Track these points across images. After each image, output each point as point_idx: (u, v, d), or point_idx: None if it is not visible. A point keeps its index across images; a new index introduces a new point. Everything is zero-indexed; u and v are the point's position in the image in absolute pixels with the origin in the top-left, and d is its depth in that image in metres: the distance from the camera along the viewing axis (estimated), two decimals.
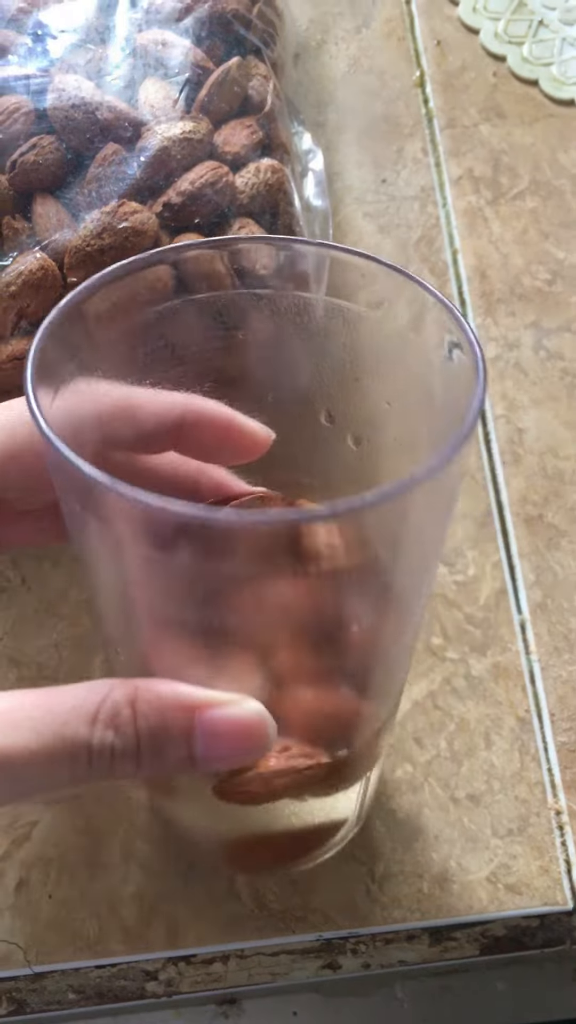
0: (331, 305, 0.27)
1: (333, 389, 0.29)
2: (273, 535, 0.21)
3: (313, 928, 0.35)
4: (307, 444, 0.30)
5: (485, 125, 0.48)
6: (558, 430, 0.42)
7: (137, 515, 0.20)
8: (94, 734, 0.23)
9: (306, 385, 0.29)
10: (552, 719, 0.38)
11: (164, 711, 0.23)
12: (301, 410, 0.29)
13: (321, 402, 0.29)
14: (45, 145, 0.37)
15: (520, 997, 0.44)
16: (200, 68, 0.39)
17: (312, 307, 0.27)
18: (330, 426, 0.30)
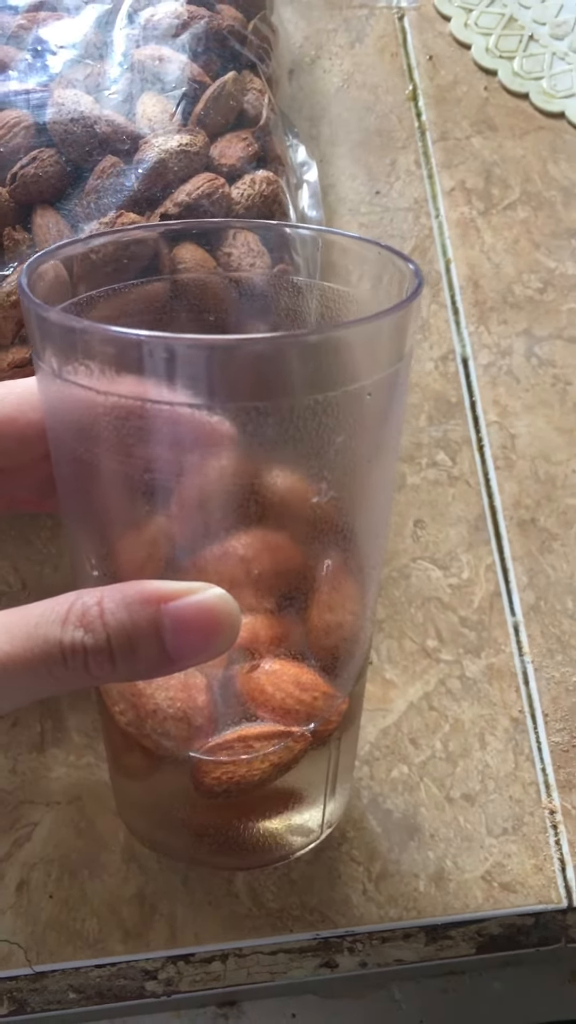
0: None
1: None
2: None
3: (310, 927, 0.35)
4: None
5: (477, 138, 0.49)
6: (550, 435, 0.43)
7: (103, 341, 0.22)
8: (64, 633, 0.23)
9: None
10: (546, 719, 0.38)
11: (130, 605, 0.23)
12: None
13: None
14: (45, 158, 0.38)
15: (517, 998, 0.44)
16: (196, 83, 0.40)
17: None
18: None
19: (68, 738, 0.37)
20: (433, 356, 0.44)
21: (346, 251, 0.28)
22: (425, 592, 0.40)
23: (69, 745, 0.37)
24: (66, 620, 0.23)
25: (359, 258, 0.27)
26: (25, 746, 0.37)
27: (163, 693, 0.28)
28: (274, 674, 0.29)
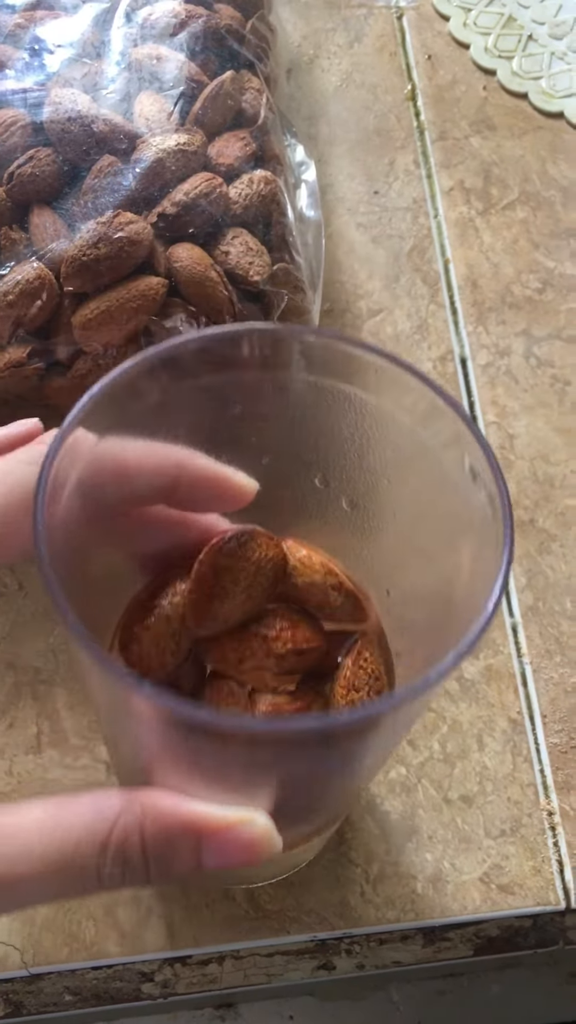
0: (339, 390, 0.27)
1: (331, 460, 0.29)
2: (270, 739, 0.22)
3: (308, 929, 0.35)
4: (299, 500, 0.31)
5: (476, 137, 0.49)
6: (548, 436, 0.43)
7: (155, 711, 0.21)
8: (104, 864, 0.24)
9: (303, 454, 0.29)
10: (544, 721, 0.38)
11: (172, 836, 0.24)
12: (295, 472, 0.30)
13: (317, 469, 0.30)
14: (42, 157, 0.38)
15: (515, 1000, 0.44)
16: (194, 82, 0.39)
17: (318, 389, 0.27)
18: (324, 488, 0.30)
19: (65, 740, 0.37)
20: (431, 356, 0.44)
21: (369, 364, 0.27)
22: None
23: (66, 747, 0.37)
24: (106, 848, 0.24)
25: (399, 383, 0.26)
26: (22, 748, 0.37)
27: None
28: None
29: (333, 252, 0.46)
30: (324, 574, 0.30)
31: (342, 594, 0.30)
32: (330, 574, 0.30)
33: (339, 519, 0.31)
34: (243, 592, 0.28)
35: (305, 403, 0.28)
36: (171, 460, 0.27)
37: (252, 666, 0.29)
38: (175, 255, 0.37)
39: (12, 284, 0.36)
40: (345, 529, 0.31)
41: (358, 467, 0.29)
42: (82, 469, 0.25)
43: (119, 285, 0.36)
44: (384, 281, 0.45)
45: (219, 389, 0.27)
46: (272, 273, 0.38)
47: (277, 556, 0.29)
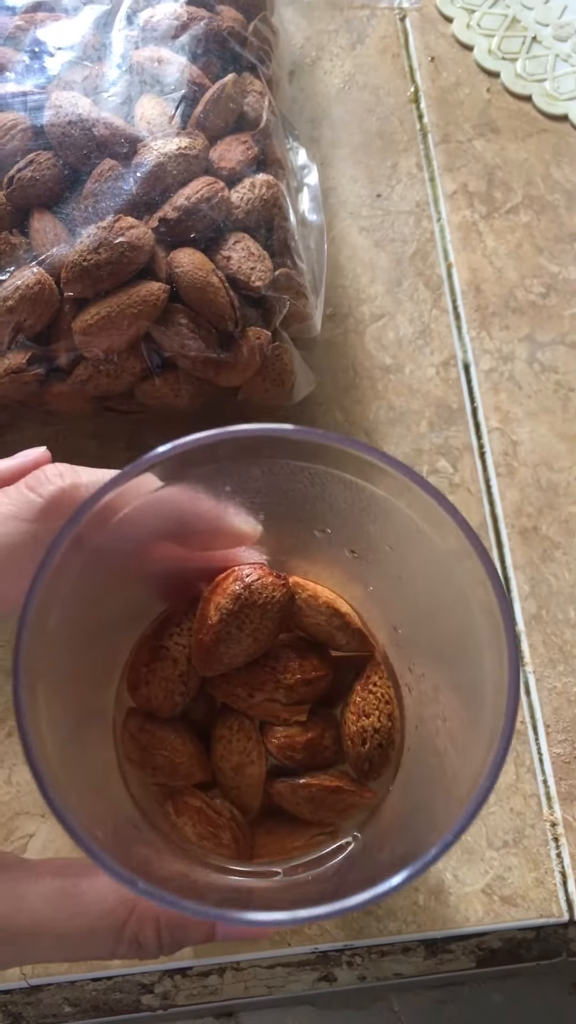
0: (346, 479, 0.26)
1: (329, 519, 0.29)
2: None
3: (309, 940, 0.35)
4: (302, 545, 0.31)
5: (479, 140, 0.48)
6: (552, 442, 0.43)
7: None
8: (118, 948, 0.25)
9: (299, 515, 0.29)
10: (547, 731, 0.38)
11: (186, 923, 0.25)
12: (294, 526, 0.30)
13: (316, 522, 0.29)
14: (42, 161, 0.37)
15: (517, 1010, 0.44)
16: (196, 85, 0.39)
17: (307, 472, 0.26)
18: (324, 537, 0.30)
19: None
20: (434, 362, 0.44)
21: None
22: None
23: None
24: (120, 937, 0.25)
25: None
26: (21, 757, 0.37)
27: (190, 828, 0.28)
28: (307, 790, 0.28)
29: (335, 256, 0.45)
30: (329, 615, 0.30)
31: (347, 633, 0.30)
32: (335, 615, 0.30)
33: (342, 562, 0.30)
34: (249, 636, 0.28)
35: (291, 479, 0.27)
36: (174, 506, 0.27)
37: (262, 699, 0.29)
38: (176, 260, 0.37)
39: (12, 289, 0.36)
40: (349, 569, 0.31)
41: (356, 529, 0.29)
42: (98, 535, 0.25)
43: (120, 290, 0.36)
44: (387, 285, 0.45)
45: (211, 476, 0.27)
46: (274, 278, 0.38)
47: (283, 597, 0.28)
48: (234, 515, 0.28)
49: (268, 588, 0.28)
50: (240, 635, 0.28)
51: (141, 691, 0.29)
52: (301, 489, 0.27)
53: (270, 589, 0.28)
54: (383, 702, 0.29)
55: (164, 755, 0.28)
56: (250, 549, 0.30)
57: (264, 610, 0.28)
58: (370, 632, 0.31)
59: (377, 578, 0.30)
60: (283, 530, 0.30)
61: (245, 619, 0.28)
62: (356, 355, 0.44)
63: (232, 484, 0.27)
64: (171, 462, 0.24)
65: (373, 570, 0.30)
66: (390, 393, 0.43)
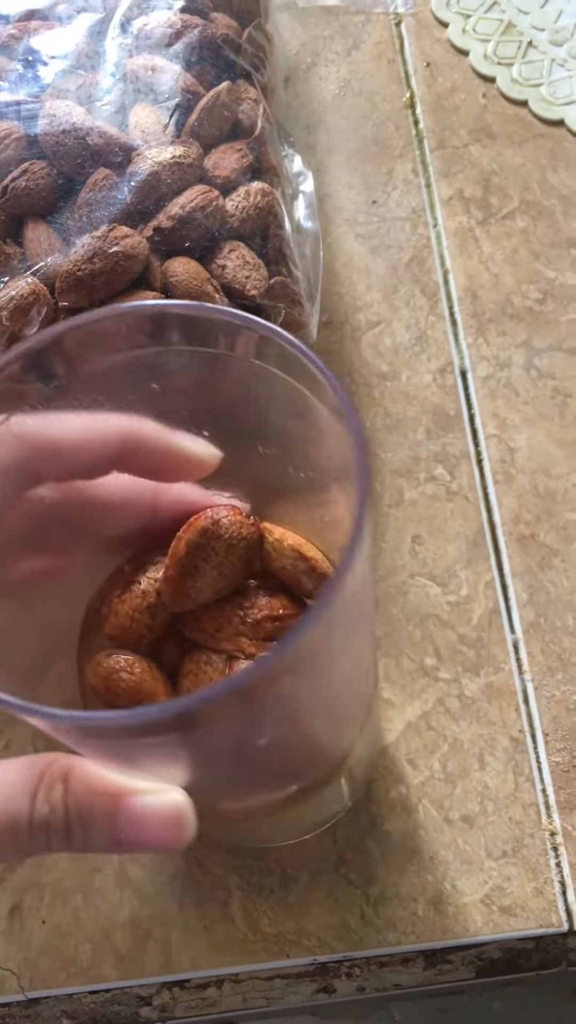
0: (261, 368, 0.27)
1: (261, 427, 0.29)
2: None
3: (307, 952, 0.35)
4: (255, 470, 0.30)
5: (475, 146, 0.48)
6: (550, 449, 0.42)
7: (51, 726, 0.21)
8: (34, 808, 0.24)
9: (239, 425, 0.29)
10: (546, 739, 0.38)
11: (91, 795, 0.25)
12: (240, 444, 0.30)
13: (255, 437, 0.29)
14: (36, 170, 0.37)
15: (517, 1018, 0.44)
16: (190, 93, 0.39)
17: (217, 363, 0.27)
18: (271, 457, 0.30)
19: None
20: (431, 368, 0.44)
21: None
22: (423, 609, 0.40)
23: None
24: (35, 794, 0.24)
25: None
26: None
27: None
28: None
29: (331, 263, 0.45)
30: (295, 559, 0.30)
31: (313, 577, 0.30)
32: (300, 559, 0.30)
33: (295, 487, 0.30)
34: (214, 570, 0.29)
35: (209, 373, 0.27)
36: (112, 431, 0.27)
37: (229, 633, 0.29)
38: (171, 269, 0.36)
39: (6, 299, 0.35)
40: (304, 497, 0.31)
41: (283, 434, 0.29)
42: (17, 452, 0.25)
43: (115, 300, 0.36)
44: (383, 292, 0.45)
45: (135, 368, 0.27)
46: (269, 287, 0.38)
47: (251, 535, 0.29)
48: (187, 438, 0.28)
49: (235, 525, 0.29)
50: (205, 568, 0.29)
51: (111, 621, 0.29)
52: (225, 387, 0.27)
53: (237, 526, 0.29)
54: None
55: (127, 677, 0.28)
56: (219, 491, 0.30)
57: (229, 545, 0.29)
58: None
59: (324, 499, 0.30)
60: (234, 454, 0.29)
61: (211, 552, 0.28)
62: (352, 362, 0.44)
63: (158, 382, 0.27)
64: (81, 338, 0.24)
65: (318, 488, 0.30)
66: (387, 400, 0.43)
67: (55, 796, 0.24)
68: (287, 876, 0.35)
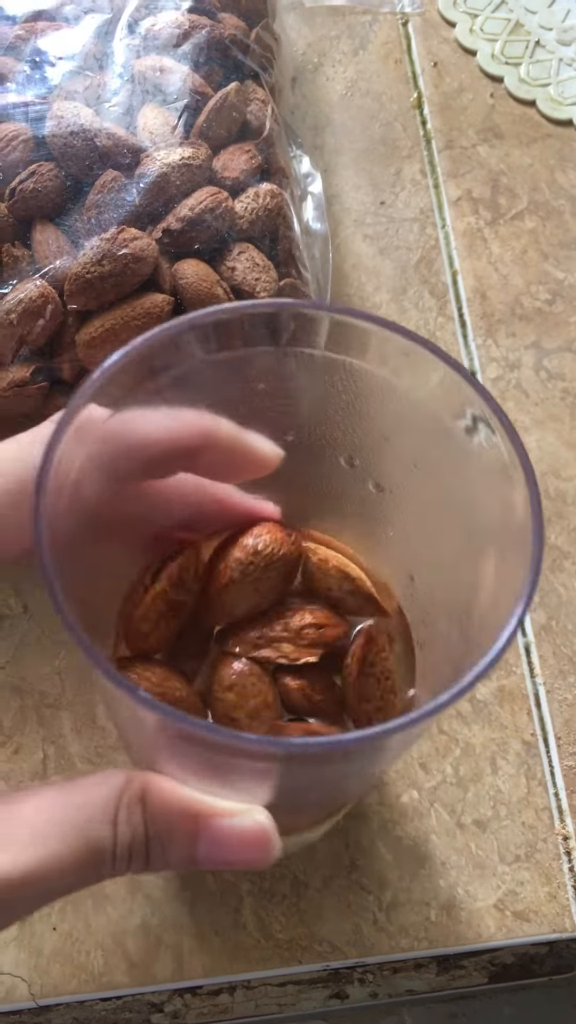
0: (365, 370, 0.26)
1: (358, 441, 0.29)
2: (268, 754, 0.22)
3: (320, 958, 0.35)
4: (324, 480, 0.31)
5: (483, 146, 0.48)
6: (560, 450, 0.42)
7: (156, 719, 0.21)
8: (116, 834, 0.24)
9: (328, 433, 0.29)
10: (558, 743, 0.38)
11: (170, 816, 0.24)
12: (320, 451, 0.30)
13: (343, 449, 0.30)
14: (44, 172, 0.37)
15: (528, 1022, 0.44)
16: (198, 94, 0.39)
17: (345, 370, 0.26)
18: (350, 469, 0.30)
19: (71, 765, 0.36)
20: None
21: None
22: None
23: (72, 772, 0.36)
24: (116, 820, 0.24)
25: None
26: (27, 773, 0.36)
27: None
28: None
29: (340, 264, 0.45)
30: (340, 579, 0.30)
31: (359, 598, 0.31)
32: (345, 579, 0.30)
33: (364, 501, 0.30)
34: (251, 586, 0.29)
35: (331, 383, 0.27)
36: (194, 428, 0.26)
37: (271, 640, 0.29)
38: (180, 271, 0.36)
39: (15, 302, 0.35)
40: (370, 511, 0.31)
41: (385, 450, 0.29)
42: (92, 447, 0.24)
43: (124, 303, 0.36)
44: (392, 293, 0.45)
45: (240, 365, 0.27)
46: (279, 289, 0.37)
47: (290, 553, 0.29)
48: (256, 438, 0.28)
49: (276, 543, 0.29)
50: (243, 583, 0.29)
51: (128, 624, 0.29)
52: (336, 395, 0.27)
53: (277, 544, 0.29)
54: (383, 679, 0.29)
55: (160, 691, 0.28)
56: (268, 497, 0.30)
57: (269, 561, 0.29)
58: (385, 589, 0.31)
59: (399, 515, 0.30)
60: (309, 461, 0.30)
61: (250, 568, 0.29)
62: None
63: (266, 382, 0.27)
64: (202, 333, 0.24)
65: (396, 505, 0.30)
66: None
67: (135, 819, 0.24)
68: (299, 881, 0.35)
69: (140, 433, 0.26)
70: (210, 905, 0.35)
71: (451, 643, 0.28)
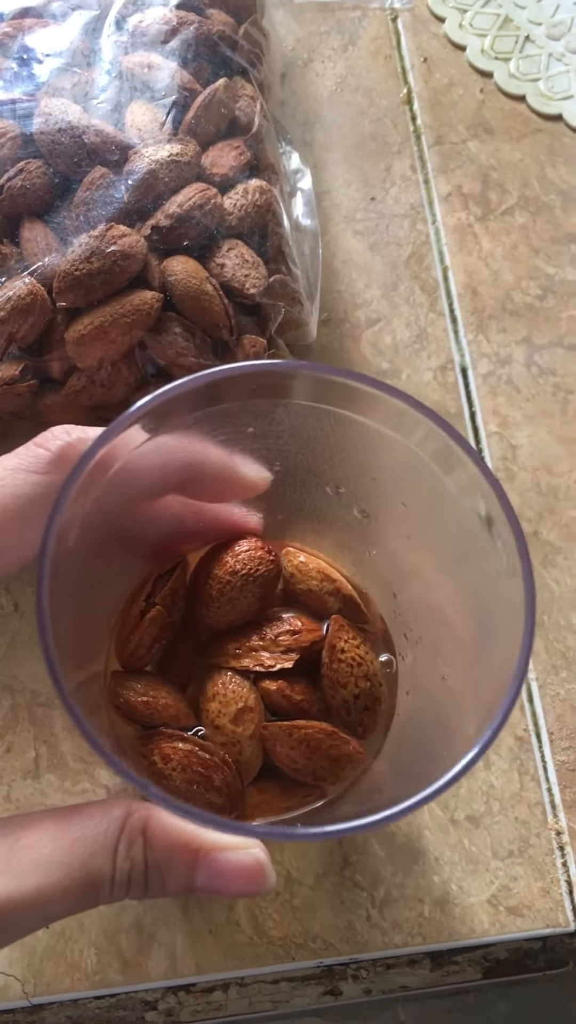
0: (349, 418, 0.27)
1: (344, 473, 0.30)
2: None
3: (313, 955, 0.35)
4: (310, 503, 0.31)
5: (473, 142, 0.48)
6: (551, 446, 0.42)
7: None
8: (116, 865, 0.25)
9: (315, 467, 0.30)
10: (551, 738, 0.38)
11: (171, 846, 0.25)
12: (307, 480, 0.31)
13: (329, 479, 0.30)
14: (32, 170, 0.37)
15: (523, 1017, 0.44)
16: (187, 90, 0.39)
17: (329, 415, 0.27)
18: (336, 496, 0.31)
19: (63, 764, 0.36)
20: (431, 366, 0.43)
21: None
22: None
23: (64, 771, 0.36)
24: (116, 850, 0.25)
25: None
26: (19, 772, 0.36)
27: (179, 774, 0.28)
28: (302, 732, 0.29)
29: (330, 261, 0.45)
30: (320, 580, 0.31)
31: (339, 599, 0.31)
32: (327, 580, 0.31)
33: (349, 523, 0.31)
34: (228, 602, 0.30)
35: (315, 425, 0.28)
36: (180, 456, 0.27)
37: (248, 650, 0.30)
38: (170, 268, 0.36)
39: (4, 300, 0.35)
40: (354, 531, 0.31)
41: (371, 485, 0.30)
42: (104, 481, 0.25)
43: (113, 300, 0.36)
44: (382, 290, 0.45)
45: (235, 413, 0.28)
46: (268, 285, 0.37)
47: (268, 572, 0.30)
48: (243, 463, 0.29)
49: (254, 561, 0.30)
50: (221, 602, 0.30)
51: (121, 640, 0.30)
52: (324, 438, 0.28)
53: (255, 563, 0.30)
54: (355, 665, 0.29)
55: (147, 700, 0.29)
56: (250, 509, 0.31)
57: (246, 581, 0.30)
58: (366, 598, 0.32)
59: (383, 540, 0.31)
60: (294, 486, 0.30)
61: (227, 589, 0.30)
62: (352, 361, 0.43)
63: (256, 426, 0.28)
64: (191, 396, 0.25)
65: (380, 531, 0.31)
66: None
67: (136, 852, 0.25)
68: (292, 878, 0.35)
69: (132, 470, 0.26)
70: (203, 902, 0.35)
71: (434, 665, 0.29)
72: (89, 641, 0.30)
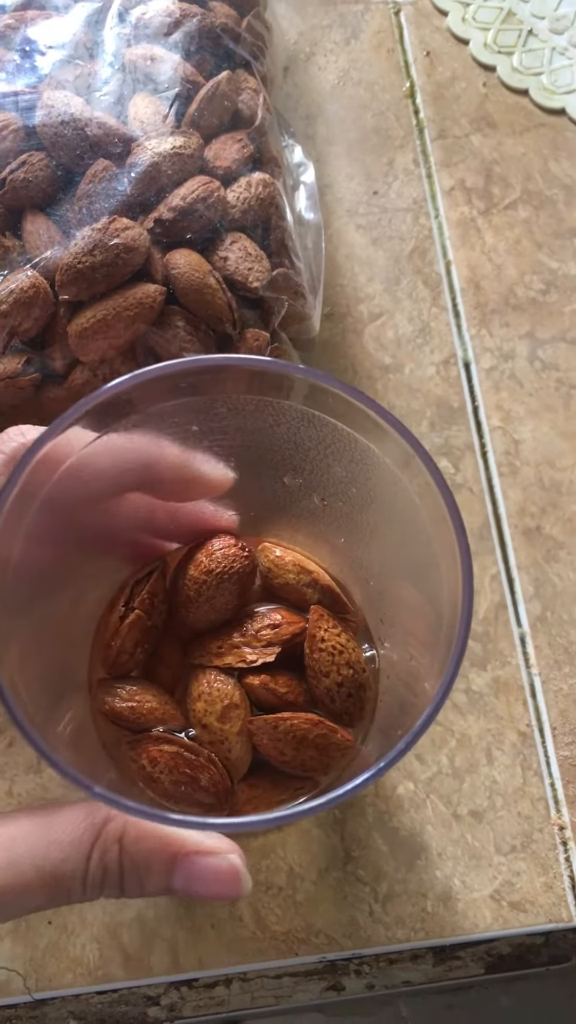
0: (289, 407, 0.27)
1: (296, 463, 0.30)
2: None
3: (316, 950, 0.35)
4: (270, 495, 0.31)
5: (476, 135, 0.48)
6: (555, 440, 0.42)
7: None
8: (88, 871, 0.25)
9: (267, 458, 0.30)
10: (554, 733, 0.38)
11: (148, 850, 0.25)
12: (263, 473, 0.31)
13: (284, 469, 0.30)
14: (35, 162, 0.37)
15: (525, 1013, 0.44)
16: (190, 83, 0.39)
17: (269, 407, 0.28)
18: (295, 487, 0.31)
19: None
20: (434, 360, 0.43)
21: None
22: None
23: None
24: (90, 857, 0.25)
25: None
26: (22, 767, 0.36)
27: (166, 776, 0.28)
28: (289, 724, 0.28)
29: (332, 254, 0.45)
30: (297, 573, 0.31)
31: (318, 590, 0.31)
32: (303, 572, 0.31)
33: (314, 512, 0.31)
34: (206, 602, 0.30)
35: (257, 417, 0.28)
36: (133, 454, 0.27)
37: (229, 647, 0.30)
38: (172, 261, 0.36)
39: (6, 293, 0.35)
40: (321, 520, 0.32)
41: (324, 472, 0.30)
42: (52, 482, 0.25)
43: (116, 293, 0.35)
44: (385, 284, 0.45)
45: (175, 412, 0.27)
46: (272, 279, 0.37)
47: (243, 568, 0.30)
48: (203, 461, 0.28)
49: (228, 559, 0.30)
50: (199, 602, 0.30)
51: (105, 645, 0.30)
52: (267, 429, 0.28)
53: (230, 560, 0.30)
54: (336, 654, 0.29)
55: (132, 705, 0.29)
56: (222, 507, 0.31)
57: (221, 580, 0.30)
58: (345, 588, 0.32)
59: (347, 527, 0.31)
60: (254, 480, 0.30)
61: (204, 588, 0.30)
62: (355, 355, 0.43)
63: (199, 423, 0.28)
64: (123, 397, 0.25)
65: (343, 518, 0.31)
66: (390, 393, 0.43)
67: (110, 858, 0.25)
68: (295, 873, 0.35)
69: (86, 462, 0.26)
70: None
71: (405, 645, 0.29)
72: (72, 645, 0.30)
